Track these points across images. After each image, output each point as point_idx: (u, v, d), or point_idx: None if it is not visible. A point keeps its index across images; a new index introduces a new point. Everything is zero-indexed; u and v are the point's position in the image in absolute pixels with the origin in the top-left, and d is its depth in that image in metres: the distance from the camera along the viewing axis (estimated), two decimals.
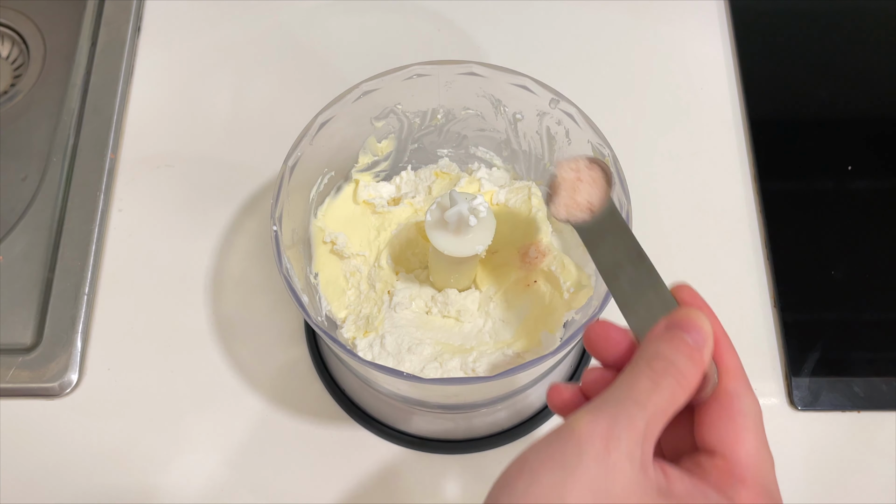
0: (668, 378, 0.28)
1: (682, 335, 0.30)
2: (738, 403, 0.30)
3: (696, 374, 0.29)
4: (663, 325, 0.31)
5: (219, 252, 0.55)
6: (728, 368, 0.31)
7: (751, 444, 0.29)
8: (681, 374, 0.29)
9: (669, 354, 0.29)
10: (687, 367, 0.29)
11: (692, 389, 0.29)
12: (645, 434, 0.27)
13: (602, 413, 0.27)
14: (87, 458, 0.50)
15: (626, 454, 0.26)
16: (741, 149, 0.60)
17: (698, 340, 0.30)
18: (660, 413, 0.28)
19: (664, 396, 0.28)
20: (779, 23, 0.65)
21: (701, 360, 0.29)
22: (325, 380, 0.51)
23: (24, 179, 0.59)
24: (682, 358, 0.29)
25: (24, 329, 0.53)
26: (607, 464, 0.26)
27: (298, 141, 0.44)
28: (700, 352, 0.29)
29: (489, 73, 0.46)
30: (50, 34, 0.65)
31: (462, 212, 0.42)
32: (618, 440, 0.26)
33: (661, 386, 0.28)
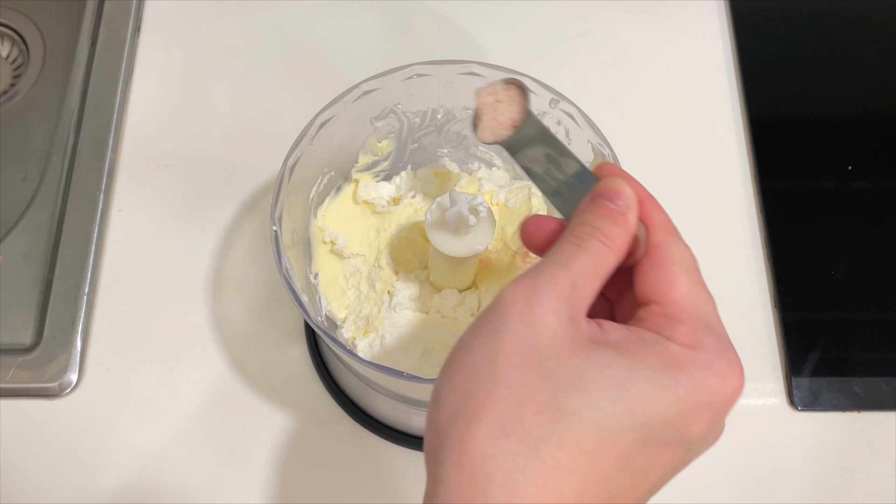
0: (592, 240, 0.29)
1: (604, 202, 0.30)
2: (666, 251, 0.30)
3: (621, 235, 0.30)
4: (587, 199, 0.31)
5: (219, 252, 0.55)
6: (655, 224, 0.31)
7: (683, 285, 0.29)
8: (605, 235, 0.29)
9: (592, 220, 0.30)
10: (611, 229, 0.29)
11: (621, 250, 0.30)
12: (571, 292, 0.28)
13: (524, 277, 0.28)
14: (87, 458, 0.50)
15: (550, 309, 0.27)
16: (741, 149, 0.60)
17: (621, 205, 0.30)
18: (586, 273, 0.28)
19: (589, 256, 0.29)
20: (779, 23, 0.65)
21: (626, 222, 0.30)
22: (325, 380, 0.51)
23: (24, 179, 0.59)
24: (605, 221, 0.30)
25: (24, 329, 0.53)
26: (531, 320, 0.27)
27: (298, 141, 0.44)
28: (624, 214, 0.30)
29: (489, 73, 0.46)
30: (50, 34, 0.65)
31: (462, 212, 0.42)
32: (539, 296, 0.27)
33: (583, 248, 0.29)
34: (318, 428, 0.51)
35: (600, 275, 0.29)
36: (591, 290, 0.28)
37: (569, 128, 0.46)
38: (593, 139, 0.44)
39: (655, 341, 0.28)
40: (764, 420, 0.51)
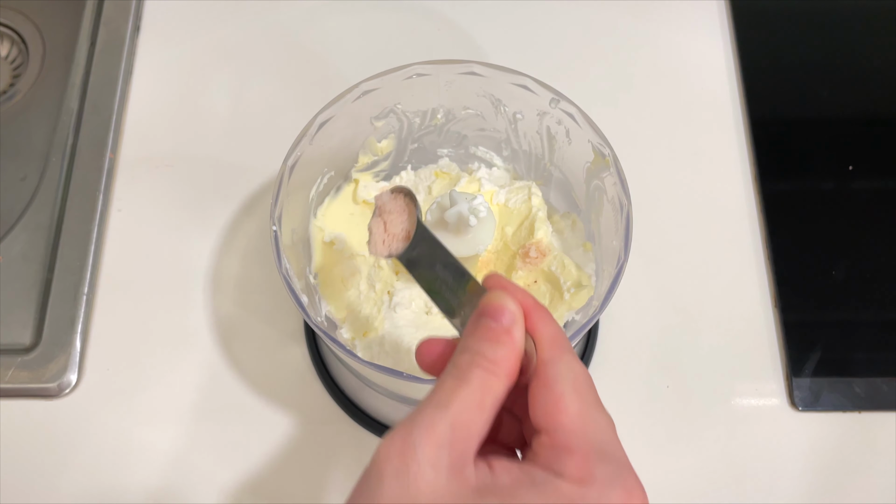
0: (473, 370, 0.27)
1: (487, 321, 0.28)
2: (552, 370, 0.28)
3: (507, 356, 0.28)
4: (472, 320, 0.29)
5: (219, 252, 0.55)
6: (542, 339, 0.29)
7: (571, 409, 0.27)
8: (488, 360, 0.27)
9: (473, 345, 0.28)
10: (495, 352, 0.27)
11: (509, 373, 0.28)
12: (452, 435, 0.26)
13: (399, 428, 0.26)
14: (87, 458, 0.49)
15: (427, 462, 0.25)
16: (741, 149, 0.60)
17: (504, 322, 0.28)
18: (470, 408, 0.26)
19: (472, 389, 0.27)
20: (779, 23, 0.65)
21: (510, 341, 0.28)
22: (325, 380, 0.51)
23: (24, 179, 0.59)
24: (487, 344, 0.28)
25: (24, 329, 0.53)
26: (406, 478, 0.25)
27: (298, 141, 0.44)
28: (508, 333, 0.28)
29: (489, 73, 0.46)
30: (49, 34, 0.65)
31: (462, 212, 0.42)
32: (413, 450, 0.25)
33: (466, 380, 0.27)
34: (318, 428, 0.50)
35: (488, 406, 0.27)
36: (479, 425, 0.27)
37: (569, 128, 0.46)
38: (593, 139, 0.44)
39: (545, 481, 0.25)
40: (764, 420, 0.51)
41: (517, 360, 0.28)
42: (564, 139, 0.47)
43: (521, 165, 0.51)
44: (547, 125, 0.47)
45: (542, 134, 0.48)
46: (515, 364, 0.28)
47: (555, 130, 0.47)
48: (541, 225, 0.48)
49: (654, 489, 0.50)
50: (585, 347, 0.52)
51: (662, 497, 0.49)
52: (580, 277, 0.46)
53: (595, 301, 0.44)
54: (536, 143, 0.49)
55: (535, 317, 0.29)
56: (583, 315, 0.45)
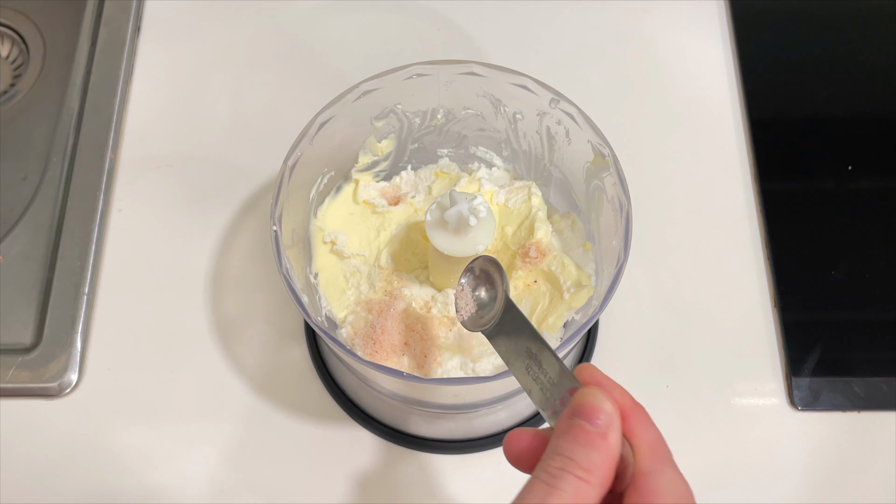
0: (566, 476, 0.26)
1: (581, 423, 0.27)
2: (651, 483, 0.26)
3: (601, 463, 0.26)
4: (564, 417, 0.28)
5: (219, 252, 0.55)
6: (641, 446, 0.27)
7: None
8: (581, 468, 0.26)
9: (566, 449, 0.27)
10: (589, 458, 0.26)
11: (603, 480, 0.26)
12: None
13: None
14: (87, 458, 0.50)
15: None
16: (741, 149, 0.60)
17: (600, 424, 0.27)
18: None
19: (565, 496, 0.26)
20: (779, 23, 0.65)
21: (605, 446, 0.27)
22: (325, 380, 0.51)
23: (24, 179, 0.59)
24: (581, 449, 0.26)
25: (24, 329, 0.53)
26: None
27: (298, 141, 0.44)
28: (604, 437, 0.27)
29: (489, 73, 0.46)
30: (50, 34, 0.65)
31: (462, 212, 0.42)
32: None
33: (557, 487, 0.26)
34: (318, 428, 0.50)
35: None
36: None
37: (569, 128, 0.46)
38: (593, 139, 0.44)
39: None
40: (764, 420, 0.51)
41: (612, 467, 0.27)
42: (564, 139, 0.47)
43: (521, 165, 0.51)
44: (547, 125, 0.47)
45: (542, 134, 0.48)
46: (610, 471, 0.27)
47: (555, 130, 0.47)
48: (541, 225, 0.48)
49: None
50: (585, 347, 0.52)
51: None
52: (580, 277, 0.46)
53: (595, 301, 0.44)
54: (536, 143, 0.49)
55: (634, 420, 0.28)
56: (583, 315, 0.45)
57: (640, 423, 0.28)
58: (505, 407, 0.49)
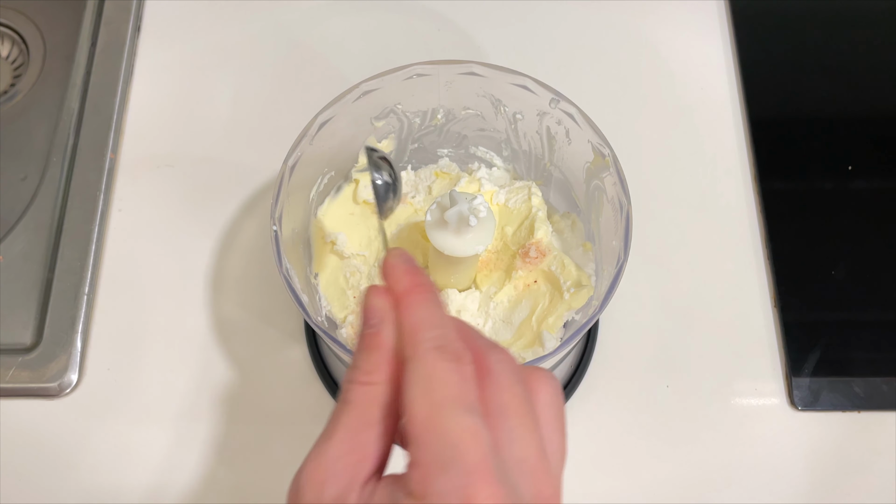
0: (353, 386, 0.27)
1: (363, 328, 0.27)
2: (405, 375, 0.26)
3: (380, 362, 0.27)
4: None
5: (219, 252, 0.55)
6: (402, 334, 0.27)
7: (419, 415, 0.25)
8: (364, 371, 0.27)
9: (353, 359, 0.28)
10: (368, 361, 0.27)
11: (386, 377, 0.26)
12: (338, 464, 0.26)
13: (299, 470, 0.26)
14: (87, 458, 0.50)
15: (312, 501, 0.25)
16: (741, 149, 0.60)
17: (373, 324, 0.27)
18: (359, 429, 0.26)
19: (356, 406, 0.26)
20: (779, 23, 0.65)
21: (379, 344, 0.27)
22: (325, 380, 0.51)
23: (24, 179, 0.59)
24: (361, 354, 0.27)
25: (24, 329, 0.53)
26: None
27: (298, 141, 0.44)
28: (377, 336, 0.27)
29: (489, 73, 0.46)
30: (50, 34, 0.65)
31: (462, 212, 0.42)
32: (300, 491, 0.25)
33: (348, 400, 0.27)
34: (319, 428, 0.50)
35: (376, 419, 0.26)
36: (372, 442, 0.26)
37: (569, 128, 0.46)
38: (593, 139, 0.44)
39: (391, 495, 0.25)
40: (764, 420, 0.51)
41: (391, 361, 0.27)
42: (564, 139, 0.47)
43: (521, 165, 0.51)
44: (547, 125, 0.47)
45: (542, 134, 0.48)
46: (390, 366, 0.27)
47: (555, 130, 0.47)
48: (541, 225, 0.48)
49: (654, 489, 0.50)
50: (585, 347, 0.52)
51: (663, 497, 0.49)
52: (580, 277, 0.46)
53: (595, 301, 0.44)
54: (536, 143, 0.49)
55: (403, 304, 0.27)
56: (583, 315, 0.45)
57: (408, 307, 0.27)
58: None
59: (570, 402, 0.51)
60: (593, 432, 0.50)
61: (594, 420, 0.51)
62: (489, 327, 0.47)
